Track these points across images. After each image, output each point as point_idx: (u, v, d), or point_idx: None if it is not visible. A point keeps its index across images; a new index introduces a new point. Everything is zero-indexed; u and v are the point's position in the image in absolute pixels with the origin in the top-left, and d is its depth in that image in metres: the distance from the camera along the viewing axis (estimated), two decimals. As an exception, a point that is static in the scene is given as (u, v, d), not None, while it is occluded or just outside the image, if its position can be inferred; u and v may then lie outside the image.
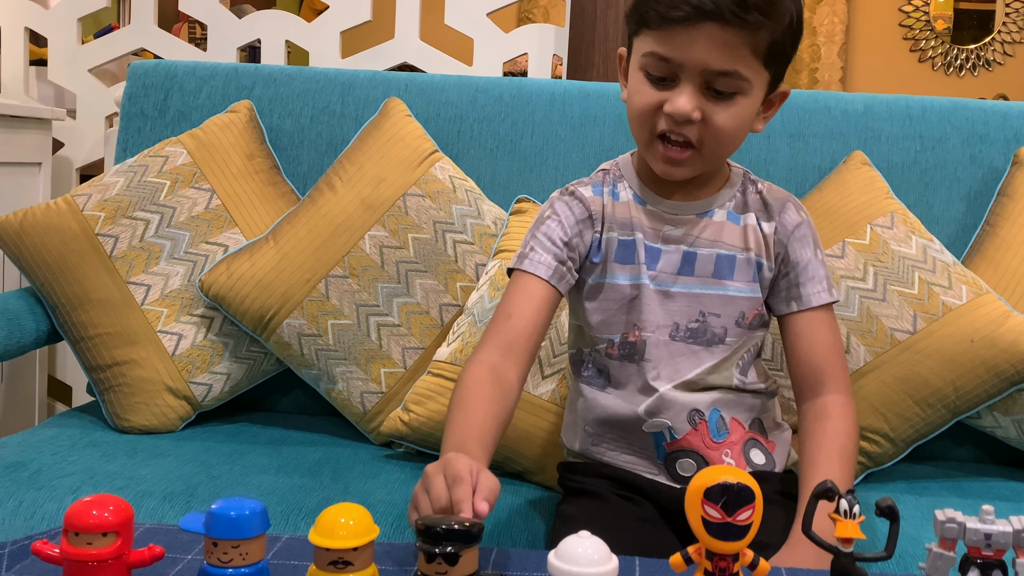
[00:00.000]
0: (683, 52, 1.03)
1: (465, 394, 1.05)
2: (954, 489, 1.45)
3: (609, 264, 1.16)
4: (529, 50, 2.19)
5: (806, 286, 1.18)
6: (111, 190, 1.57)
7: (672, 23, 1.02)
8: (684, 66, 1.04)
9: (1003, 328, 1.42)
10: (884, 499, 0.67)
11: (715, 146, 1.09)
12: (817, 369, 1.16)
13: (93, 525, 0.68)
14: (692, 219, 1.17)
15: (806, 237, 1.19)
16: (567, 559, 0.66)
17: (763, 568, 0.69)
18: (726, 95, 1.06)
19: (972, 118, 1.67)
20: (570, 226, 1.16)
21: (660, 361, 1.14)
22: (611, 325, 1.17)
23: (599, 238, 1.17)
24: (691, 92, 1.05)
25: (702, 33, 1.02)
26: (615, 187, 1.20)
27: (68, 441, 1.42)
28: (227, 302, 1.50)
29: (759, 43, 1.04)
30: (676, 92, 1.05)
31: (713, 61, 1.03)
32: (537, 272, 1.13)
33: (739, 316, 1.16)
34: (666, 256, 1.16)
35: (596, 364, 1.19)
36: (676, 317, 1.15)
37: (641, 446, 1.15)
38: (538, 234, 1.16)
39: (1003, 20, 4.76)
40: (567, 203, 1.18)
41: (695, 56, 1.03)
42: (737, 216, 1.18)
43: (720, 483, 0.66)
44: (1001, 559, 0.68)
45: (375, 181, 1.55)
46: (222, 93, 1.73)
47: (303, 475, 1.33)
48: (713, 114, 1.06)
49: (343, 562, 0.67)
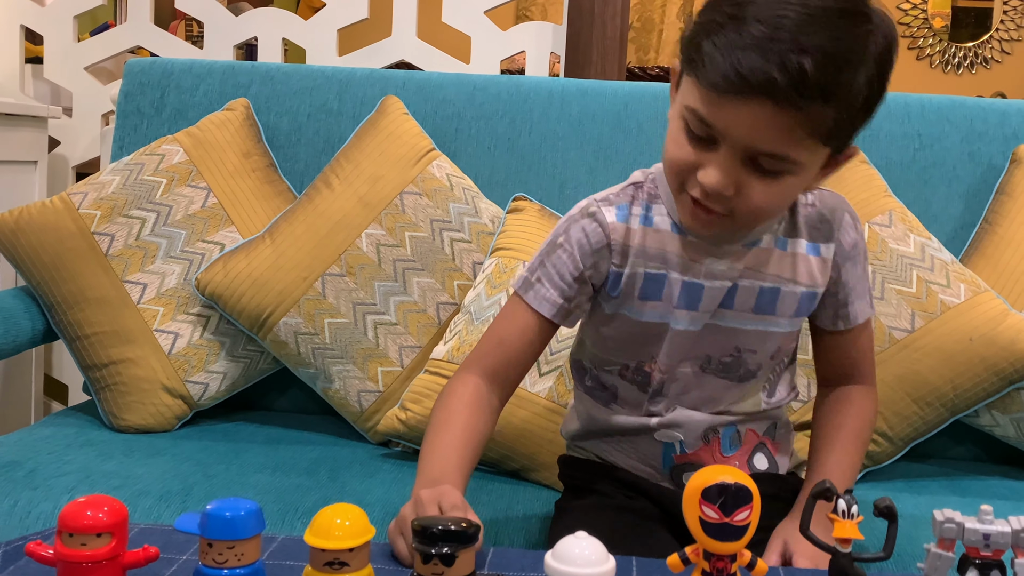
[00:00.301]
0: (726, 124, 0.89)
1: (449, 414, 1.03)
2: (953, 488, 1.45)
3: (632, 299, 1.05)
4: (527, 48, 2.18)
5: (854, 305, 1.09)
6: (107, 188, 1.57)
7: (719, 91, 0.88)
8: (727, 138, 0.90)
9: (1002, 326, 1.42)
10: (882, 499, 0.67)
11: (750, 218, 0.97)
12: (847, 370, 1.13)
13: (87, 526, 0.68)
14: (738, 250, 1.03)
15: (859, 255, 1.09)
16: (564, 560, 0.66)
17: (761, 568, 0.69)
18: (770, 172, 0.91)
19: (970, 116, 1.66)
20: (583, 257, 1.04)
21: (683, 392, 1.08)
22: (626, 352, 1.08)
23: (618, 272, 1.04)
24: (728, 166, 0.91)
25: (751, 108, 0.86)
26: (649, 210, 1.05)
27: (64, 440, 1.42)
28: (223, 301, 1.50)
29: (820, 124, 0.88)
30: (712, 161, 0.91)
31: (759, 141, 0.89)
32: (540, 310, 1.05)
33: (775, 351, 1.09)
34: (709, 293, 1.03)
35: (601, 380, 1.12)
36: (709, 350, 1.06)
37: (648, 453, 1.12)
38: (548, 263, 1.06)
39: (1001, 18, 4.77)
40: (584, 229, 1.04)
41: (739, 132, 0.89)
42: (785, 241, 1.05)
43: (718, 483, 0.66)
44: (1000, 559, 0.68)
45: (372, 179, 1.55)
46: (218, 91, 1.72)
47: (300, 474, 1.33)
48: (751, 189, 0.92)
49: (339, 563, 0.67)
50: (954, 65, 4.81)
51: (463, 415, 1.03)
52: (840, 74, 0.86)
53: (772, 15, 0.86)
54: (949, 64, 4.81)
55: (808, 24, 0.85)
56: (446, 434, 1.01)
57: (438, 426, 1.03)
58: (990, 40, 4.79)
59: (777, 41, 0.85)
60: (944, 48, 4.81)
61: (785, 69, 0.84)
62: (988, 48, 4.79)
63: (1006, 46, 4.79)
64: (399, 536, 0.84)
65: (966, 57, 4.80)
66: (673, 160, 0.96)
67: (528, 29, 2.19)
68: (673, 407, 1.08)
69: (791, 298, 1.06)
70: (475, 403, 1.04)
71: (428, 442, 1.02)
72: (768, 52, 0.85)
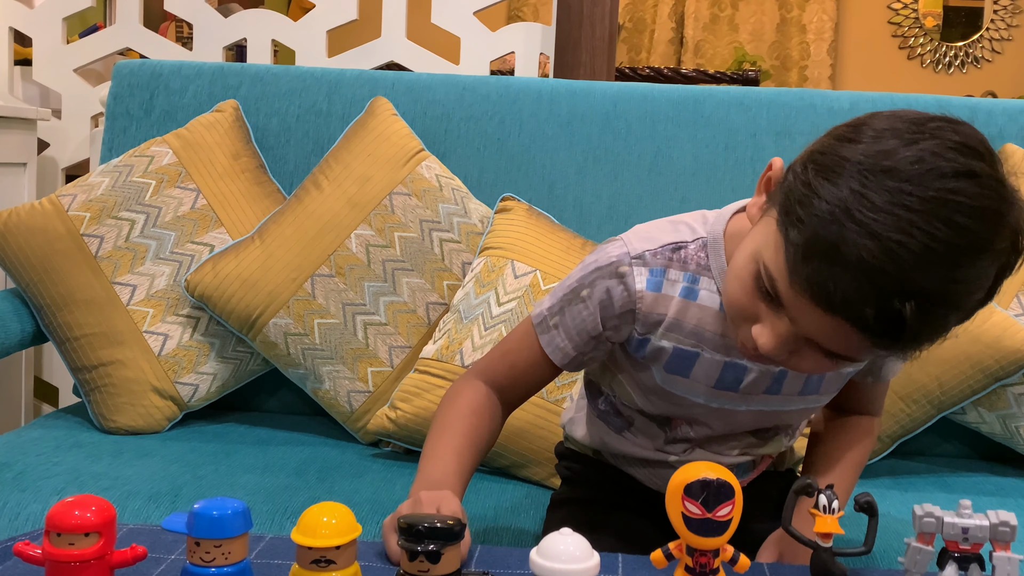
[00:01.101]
0: (800, 317, 0.79)
1: (455, 416, 1.01)
2: (939, 484, 1.46)
3: (659, 368, 0.98)
4: (516, 49, 2.19)
5: (887, 365, 1.03)
6: (96, 190, 1.57)
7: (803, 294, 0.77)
8: (796, 323, 0.80)
9: (987, 324, 1.43)
10: (863, 495, 0.67)
11: (798, 370, 0.89)
12: (862, 407, 1.10)
13: (75, 525, 0.68)
14: None
15: None
16: (549, 556, 0.66)
17: (743, 563, 0.69)
18: (830, 354, 0.82)
19: (957, 115, 1.65)
20: (605, 320, 0.96)
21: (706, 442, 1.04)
22: (651, 405, 1.03)
23: (641, 339, 0.97)
24: (787, 336, 0.82)
25: (833, 322, 0.76)
26: (695, 283, 0.94)
27: (53, 442, 1.42)
28: (213, 302, 1.50)
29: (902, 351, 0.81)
30: (772, 324, 0.82)
31: (830, 344, 0.80)
32: (553, 358, 1.00)
33: (809, 416, 1.09)
34: (754, 376, 0.96)
35: (618, 408, 1.07)
36: (746, 427, 1.02)
37: (659, 476, 1.08)
38: (567, 313, 0.98)
39: (991, 17, 4.78)
40: (609, 291, 0.95)
41: (810, 331, 0.80)
42: None
43: (700, 479, 0.66)
44: (978, 553, 0.69)
45: (361, 180, 1.55)
46: (208, 92, 1.73)
47: (289, 475, 1.33)
48: (804, 357, 0.84)
49: (325, 560, 0.68)
50: (945, 64, 4.83)
51: (468, 419, 1.01)
52: (939, 318, 0.75)
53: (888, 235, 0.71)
54: (940, 63, 4.83)
55: (926, 262, 0.72)
56: (450, 437, 0.99)
57: (443, 427, 1.01)
58: (981, 39, 4.81)
59: (883, 276, 0.72)
60: (935, 47, 4.82)
61: (883, 313, 0.73)
62: (979, 47, 4.81)
63: (997, 45, 4.81)
64: (392, 532, 0.84)
65: (957, 56, 4.82)
66: (734, 302, 0.87)
67: (517, 30, 2.20)
68: (692, 450, 1.05)
69: (838, 378, 1.00)
70: (481, 409, 1.03)
71: (431, 442, 1.00)
72: (870, 286, 0.72)
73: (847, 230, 0.72)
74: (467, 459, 0.99)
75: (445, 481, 0.93)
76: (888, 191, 0.72)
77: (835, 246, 0.73)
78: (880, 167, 0.73)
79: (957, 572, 0.69)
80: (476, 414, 1.02)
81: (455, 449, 0.98)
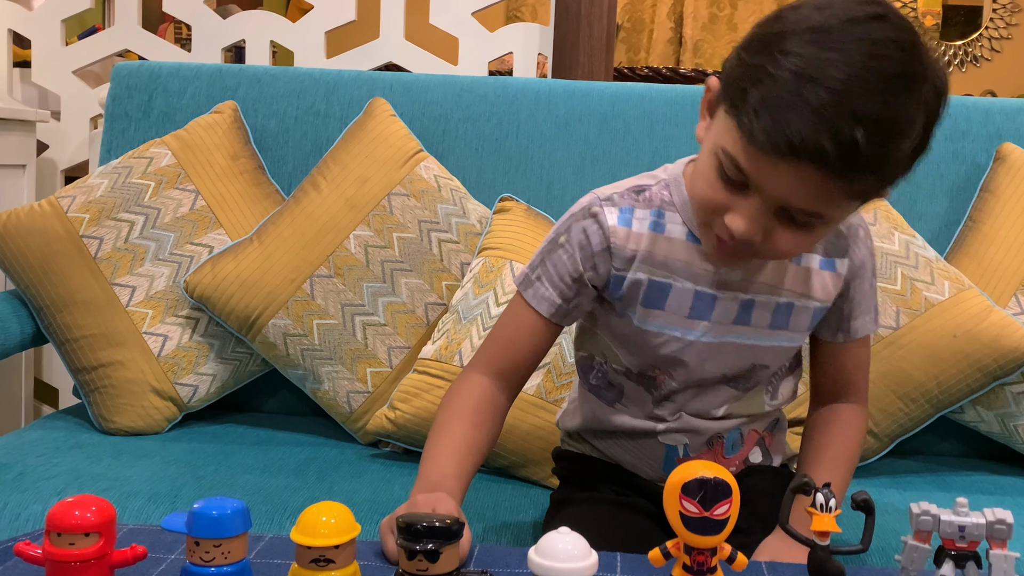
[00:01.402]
0: (765, 180, 0.87)
1: (453, 417, 1.02)
2: (938, 483, 1.47)
3: (635, 305, 1.03)
4: (514, 49, 2.19)
5: (857, 319, 1.09)
6: (95, 192, 1.57)
7: (763, 149, 0.84)
8: (762, 190, 0.88)
9: (985, 323, 1.43)
10: (859, 493, 0.68)
11: (774, 257, 0.98)
12: (842, 384, 1.13)
13: (75, 525, 0.69)
14: (754, 262, 1.02)
15: (868, 269, 1.08)
16: (547, 555, 0.66)
17: (741, 562, 0.70)
18: (800, 223, 0.90)
19: (954, 114, 1.67)
20: (583, 260, 1.02)
21: (689, 400, 1.07)
22: (633, 359, 1.07)
23: (620, 276, 1.02)
24: (758, 215, 0.89)
25: (795, 170, 0.84)
26: (660, 217, 1.02)
27: (53, 443, 1.42)
28: (212, 303, 1.50)
29: (861, 189, 0.88)
30: (742, 208, 0.89)
31: (798, 200, 0.87)
32: (539, 309, 1.04)
33: (784, 363, 1.11)
34: (722, 304, 1.02)
35: (608, 378, 1.11)
36: (724, 368, 1.05)
37: (650, 454, 1.11)
38: (548, 262, 1.04)
39: (990, 16, 4.79)
40: (585, 230, 1.02)
41: (778, 190, 0.87)
42: (799, 257, 1.04)
43: (697, 478, 0.67)
44: (975, 551, 0.69)
45: (360, 181, 1.55)
46: (206, 94, 1.73)
47: (289, 475, 1.33)
48: (778, 236, 0.91)
49: (324, 560, 0.68)
50: (944, 64, 4.83)
51: (468, 420, 1.02)
52: (889, 144, 0.83)
53: (826, 74, 0.81)
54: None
55: (863, 90, 0.81)
56: (448, 438, 1.00)
57: (441, 429, 1.02)
58: (980, 38, 4.81)
59: (830, 107, 0.80)
60: (934, 47, 4.82)
61: (837, 140, 0.81)
62: (978, 46, 4.81)
63: (996, 44, 4.81)
64: (390, 533, 0.85)
65: (956, 55, 4.82)
66: (702, 198, 0.94)
67: (515, 30, 2.20)
68: (678, 415, 1.08)
69: (805, 313, 1.05)
70: (481, 407, 1.03)
71: (430, 445, 1.01)
72: (820, 119, 0.81)
73: (789, 81, 0.82)
74: (466, 460, 0.99)
75: (443, 484, 0.94)
76: (815, 43, 0.83)
77: (782, 97, 0.82)
78: (804, 28, 0.85)
79: (954, 570, 0.69)
80: (475, 412, 1.03)
81: (454, 451, 0.99)
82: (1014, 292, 1.51)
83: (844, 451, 1.10)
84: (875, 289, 1.10)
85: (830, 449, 1.10)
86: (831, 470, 1.07)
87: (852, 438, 1.11)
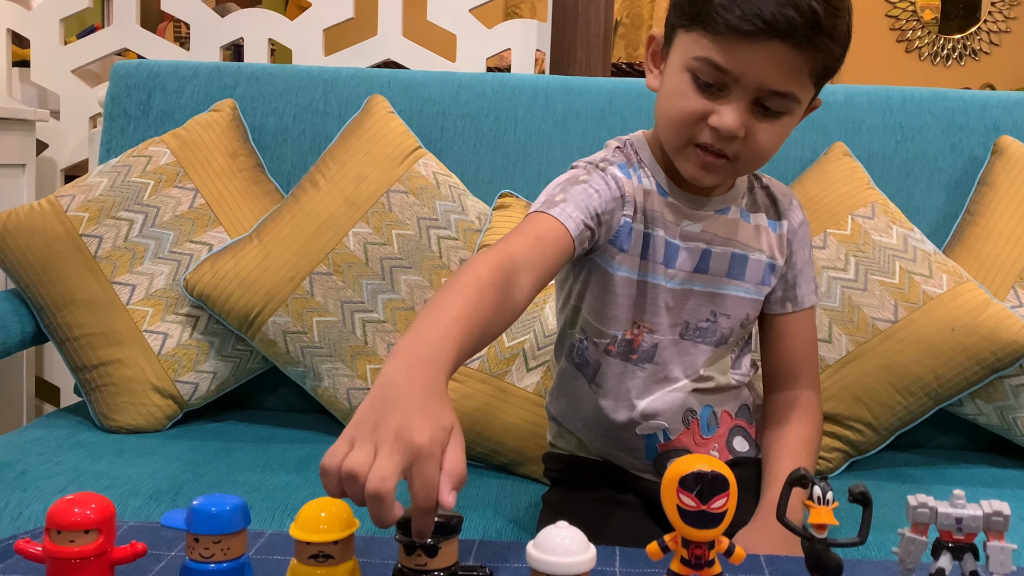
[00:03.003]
0: (743, 67, 0.96)
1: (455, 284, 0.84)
2: (937, 476, 1.47)
3: (629, 255, 1.08)
4: (512, 45, 2.19)
5: (801, 287, 1.18)
6: (95, 191, 1.57)
7: (737, 34, 0.94)
8: (740, 81, 0.97)
9: (983, 316, 1.43)
10: (856, 485, 0.68)
11: (751, 161, 1.04)
12: (794, 365, 1.18)
13: (75, 523, 0.69)
14: (711, 216, 1.11)
15: (806, 238, 1.19)
16: (545, 549, 0.67)
17: (739, 555, 0.70)
18: (774, 113, 1.00)
19: (952, 108, 1.68)
20: (606, 201, 1.03)
21: (667, 362, 1.11)
22: (617, 321, 1.10)
23: (631, 225, 1.07)
24: (741, 108, 0.98)
25: (768, 50, 0.95)
26: (636, 172, 1.10)
27: (55, 442, 1.42)
28: (212, 301, 1.51)
29: (817, 65, 0.99)
30: (725, 106, 0.98)
31: (773, 81, 0.97)
32: (566, 223, 0.97)
33: (744, 318, 1.15)
34: (685, 253, 1.10)
35: (590, 355, 1.14)
36: (688, 316, 1.12)
37: (631, 447, 1.14)
38: (572, 191, 1.01)
39: (989, 10, 4.78)
40: (603, 178, 1.05)
41: (755, 73, 0.96)
42: (748, 215, 1.15)
43: (694, 472, 0.67)
44: (972, 543, 0.69)
45: (358, 178, 1.56)
46: (205, 92, 1.73)
47: (289, 472, 1.34)
48: (757, 132, 1.00)
49: (324, 555, 0.68)
50: (943, 57, 4.82)
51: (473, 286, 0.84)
52: (838, 18, 0.97)
53: None
54: (938, 56, 4.82)
55: None
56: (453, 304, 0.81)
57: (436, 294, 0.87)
58: (979, 32, 4.80)
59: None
60: (933, 40, 4.82)
61: (800, 12, 0.93)
62: (977, 40, 4.81)
63: (995, 37, 4.80)
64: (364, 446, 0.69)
65: (955, 49, 4.82)
66: (682, 112, 1.01)
67: (513, 27, 2.20)
68: (652, 389, 1.11)
69: (757, 265, 1.14)
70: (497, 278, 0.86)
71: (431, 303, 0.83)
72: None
73: None
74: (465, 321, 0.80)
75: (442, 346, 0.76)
76: None
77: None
78: None
79: (951, 562, 0.69)
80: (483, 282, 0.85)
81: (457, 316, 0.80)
82: (1012, 285, 1.51)
83: (805, 439, 1.14)
84: (812, 262, 1.21)
85: (790, 439, 1.13)
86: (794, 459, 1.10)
87: (811, 425, 1.16)
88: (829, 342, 1.45)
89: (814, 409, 1.17)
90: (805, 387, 1.18)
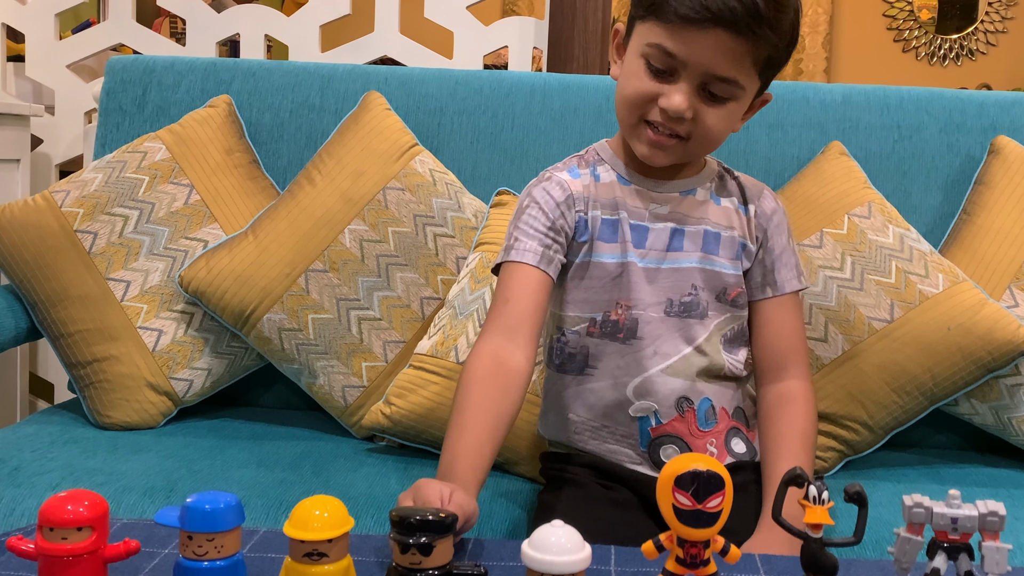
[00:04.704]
0: (690, 52, 1.05)
1: (464, 395, 1.03)
2: (933, 476, 1.47)
3: (595, 243, 1.17)
4: (509, 43, 2.19)
5: (781, 272, 1.21)
6: (89, 186, 1.57)
7: (686, 22, 1.03)
8: (687, 65, 1.06)
9: (979, 316, 1.43)
10: (852, 485, 0.68)
11: (700, 142, 1.12)
12: (782, 354, 1.20)
13: (68, 520, 0.68)
14: (676, 197, 1.19)
15: (782, 224, 1.23)
16: (540, 548, 0.67)
17: (734, 554, 0.70)
18: (719, 99, 1.08)
19: (949, 107, 1.68)
20: (551, 210, 1.15)
21: (655, 338, 1.15)
22: (594, 304, 1.16)
23: (584, 218, 1.17)
24: (688, 91, 1.07)
25: (712, 38, 1.03)
26: (595, 169, 1.20)
27: (48, 438, 1.42)
28: (207, 297, 1.50)
29: (760, 54, 1.06)
30: (673, 88, 1.07)
31: (716, 66, 1.06)
32: (525, 260, 1.12)
33: (721, 291, 1.18)
34: (655, 233, 1.17)
35: (572, 347, 1.18)
36: (669, 293, 1.16)
37: (625, 433, 1.16)
38: (520, 224, 1.15)
39: (986, 10, 4.79)
40: (545, 189, 1.18)
41: (701, 59, 1.05)
42: (718, 198, 1.21)
43: (690, 471, 0.67)
44: (967, 542, 0.69)
45: (355, 175, 1.55)
46: (200, 88, 1.73)
47: (284, 469, 1.33)
48: (704, 115, 1.09)
49: (317, 554, 0.68)
50: (940, 57, 4.82)
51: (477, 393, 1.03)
52: (780, 11, 1.04)
53: None
54: (935, 56, 4.83)
55: None
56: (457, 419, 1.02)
57: (453, 412, 1.03)
58: (976, 32, 4.81)
59: None
60: (930, 40, 4.82)
61: (743, 3, 1.01)
62: (974, 40, 4.81)
63: (991, 38, 4.81)
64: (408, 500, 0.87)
65: (952, 49, 4.82)
66: (635, 92, 1.10)
67: (510, 24, 2.20)
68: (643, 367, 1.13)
69: (730, 242, 1.19)
70: (492, 372, 1.05)
71: (448, 434, 1.02)
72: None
73: None
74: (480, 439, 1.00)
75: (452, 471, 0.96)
76: None
77: None
78: None
79: (946, 562, 0.69)
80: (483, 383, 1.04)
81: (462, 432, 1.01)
82: (1008, 285, 1.51)
83: (802, 434, 1.15)
84: (794, 250, 1.24)
85: (787, 436, 1.14)
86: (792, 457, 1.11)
87: (807, 419, 1.17)
88: (825, 341, 1.45)
89: (807, 400, 1.18)
90: (795, 376, 1.19)
